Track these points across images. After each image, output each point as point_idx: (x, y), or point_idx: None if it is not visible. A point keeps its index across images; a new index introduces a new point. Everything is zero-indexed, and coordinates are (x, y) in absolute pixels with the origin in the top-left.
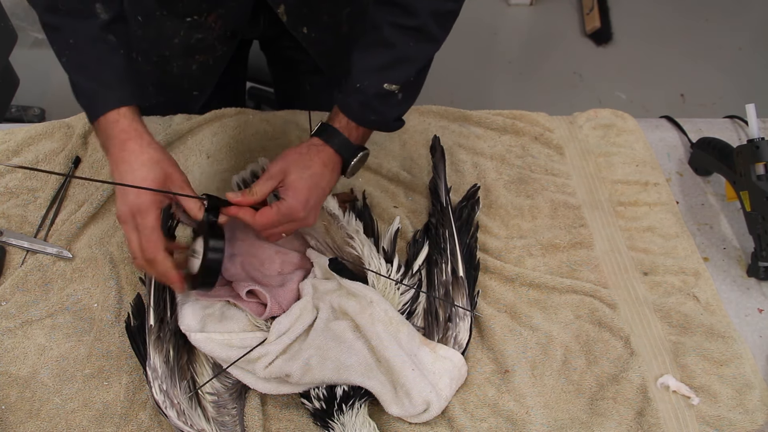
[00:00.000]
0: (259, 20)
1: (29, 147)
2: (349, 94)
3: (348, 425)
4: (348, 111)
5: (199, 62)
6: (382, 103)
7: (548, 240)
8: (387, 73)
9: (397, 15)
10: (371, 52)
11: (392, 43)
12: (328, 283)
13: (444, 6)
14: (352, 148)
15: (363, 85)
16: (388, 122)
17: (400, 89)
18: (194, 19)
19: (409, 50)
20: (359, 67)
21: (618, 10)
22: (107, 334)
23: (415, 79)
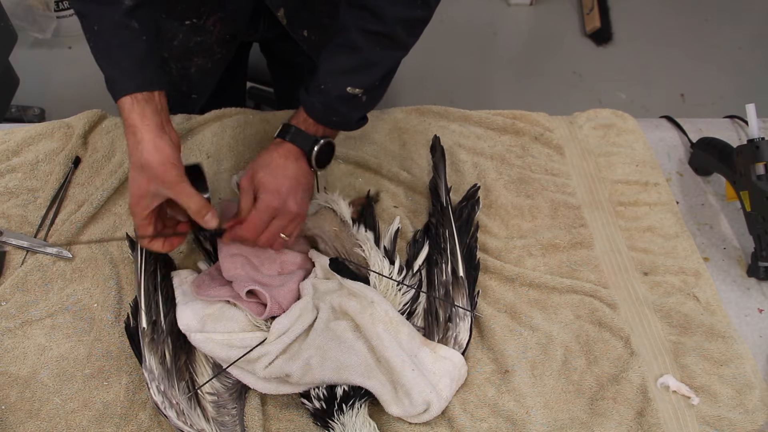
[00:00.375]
0: (259, 23)
1: (29, 147)
2: (313, 95)
3: (348, 425)
4: (310, 111)
5: (197, 65)
6: (345, 106)
7: (548, 240)
8: (352, 76)
9: (366, 20)
10: (338, 55)
11: (359, 47)
12: (328, 283)
13: (413, 14)
14: (310, 140)
15: (326, 87)
16: (350, 123)
17: (364, 92)
18: (193, 22)
19: (375, 55)
20: (325, 68)
21: (618, 10)
22: (107, 334)
23: (381, 82)
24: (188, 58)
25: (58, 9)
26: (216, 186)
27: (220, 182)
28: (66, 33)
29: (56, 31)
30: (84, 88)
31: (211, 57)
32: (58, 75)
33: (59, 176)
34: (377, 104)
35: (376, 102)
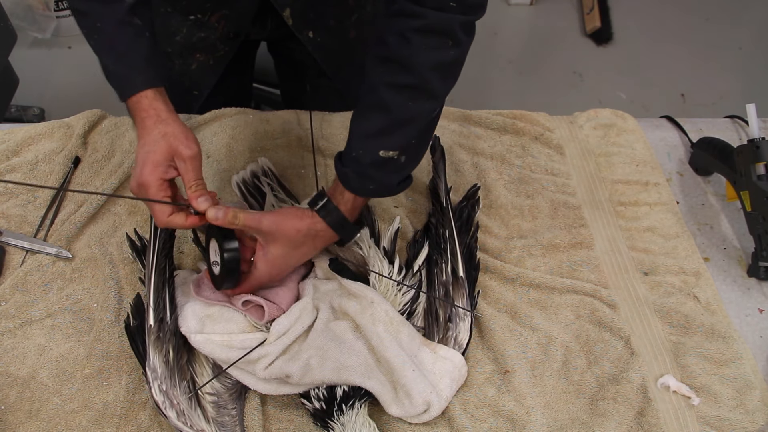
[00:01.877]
0: (267, 22)
1: (29, 147)
2: (346, 164)
3: (348, 425)
4: (346, 182)
5: (198, 61)
6: (380, 171)
7: (548, 240)
8: (383, 139)
9: (394, 73)
10: (366, 117)
11: (388, 106)
12: (328, 284)
13: (446, 56)
14: (350, 230)
15: (358, 154)
16: (390, 188)
17: (400, 153)
18: (197, 17)
19: (407, 111)
20: (355, 133)
21: (618, 10)
22: (107, 334)
23: (418, 140)
24: (190, 53)
25: (58, 9)
26: (215, 186)
27: (219, 182)
28: (66, 33)
29: (56, 31)
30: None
31: (213, 54)
32: (58, 75)
33: (59, 176)
34: (418, 163)
35: (417, 160)
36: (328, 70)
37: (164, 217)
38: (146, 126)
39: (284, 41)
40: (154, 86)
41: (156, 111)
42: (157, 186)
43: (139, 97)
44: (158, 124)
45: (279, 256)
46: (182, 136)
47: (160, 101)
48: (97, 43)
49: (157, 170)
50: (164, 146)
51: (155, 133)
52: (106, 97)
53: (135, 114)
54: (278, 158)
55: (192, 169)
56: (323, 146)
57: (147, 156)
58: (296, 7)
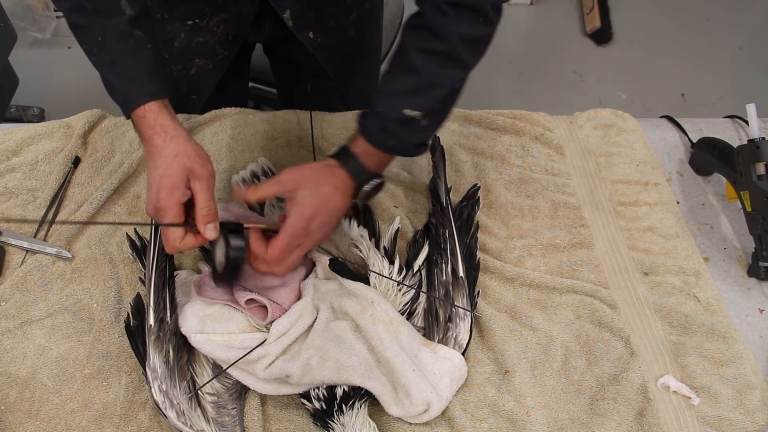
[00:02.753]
0: (264, 24)
1: (28, 147)
2: (369, 117)
3: (348, 425)
4: (367, 134)
5: (198, 66)
6: (403, 129)
7: (548, 240)
8: (409, 98)
9: (426, 39)
10: (395, 76)
11: (417, 68)
12: (329, 283)
13: (476, 31)
14: (366, 174)
15: (383, 109)
16: (408, 148)
17: (424, 116)
18: (195, 22)
19: (434, 76)
20: (383, 90)
21: (618, 10)
22: (107, 334)
23: (442, 105)
24: (189, 58)
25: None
26: (216, 186)
27: (219, 182)
28: (66, 33)
29: (56, 31)
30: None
31: (212, 58)
32: (58, 75)
33: (59, 176)
34: (438, 129)
35: (437, 127)
36: (328, 69)
37: (177, 243)
38: (155, 144)
39: (281, 42)
40: (157, 98)
41: (163, 127)
42: (175, 212)
43: (143, 111)
44: (168, 143)
45: (306, 196)
46: (195, 156)
47: (166, 115)
48: (99, 58)
49: (174, 195)
50: (179, 168)
51: (167, 154)
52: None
53: (141, 130)
54: (278, 158)
55: (206, 189)
56: (323, 146)
57: (162, 180)
58: (296, 8)
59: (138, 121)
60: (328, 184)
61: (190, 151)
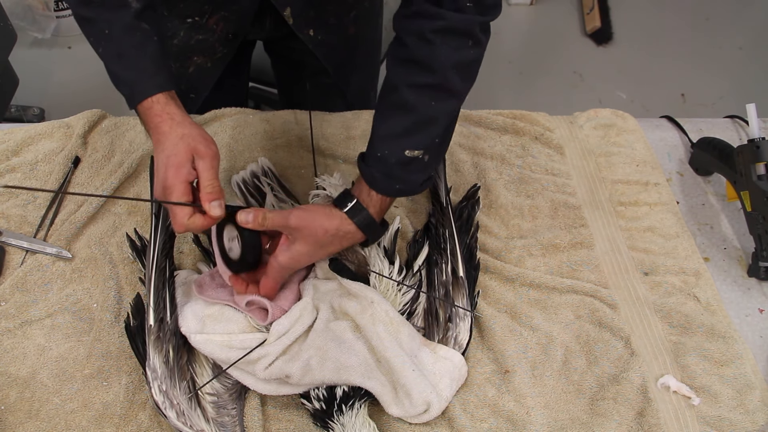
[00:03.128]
0: (265, 22)
1: (28, 147)
2: (371, 164)
3: (348, 426)
4: (372, 183)
5: (196, 64)
6: (406, 171)
7: (548, 240)
8: (408, 138)
9: (415, 74)
10: (390, 117)
11: (411, 106)
12: (329, 284)
13: (466, 55)
14: (377, 231)
15: (383, 155)
16: (415, 187)
17: (424, 153)
18: (195, 20)
19: (430, 110)
20: (379, 134)
21: (618, 10)
22: (107, 334)
23: (441, 139)
24: (187, 56)
25: (58, 9)
26: None
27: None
28: (66, 33)
29: (56, 31)
30: (84, 88)
31: (211, 56)
32: (58, 75)
33: (59, 176)
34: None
35: (439, 159)
36: (329, 67)
37: (185, 220)
38: (163, 130)
39: (282, 40)
40: (165, 90)
41: (170, 115)
42: (182, 189)
43: (150, 102)
44: (175, 127)
45: (304, 254)
46: (200, 137)
47: (173, 105)
48: (105, 51)
49: (180, 172)
50: (184, 147)
51: (173, 136)
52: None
53: (148, 119)
54: (278, 158)
55: (210, 168)
56: (323, 146)
57: (168, 159)
58: (297, 6)
59: (144, 112)
60: (332, 245)
61: (195, 133)
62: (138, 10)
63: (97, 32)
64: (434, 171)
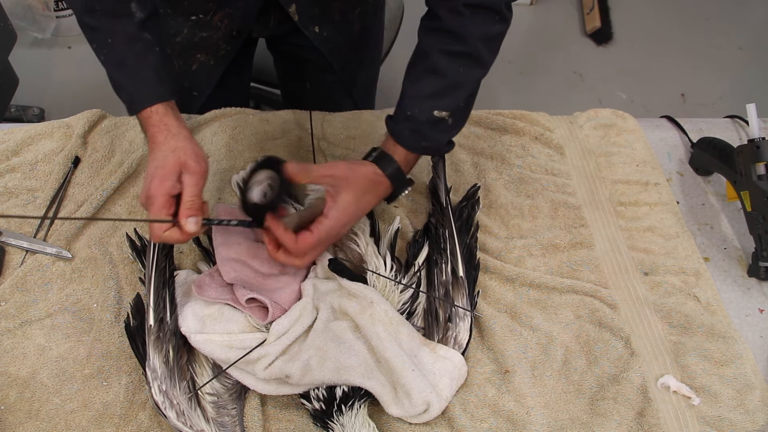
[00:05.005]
0: (270, 19)
1: (28, 147)
2: (400, 122)
3: (347, 426)
4: (400, 138)
5: (199, 61)
6: (433, 130)
7: (548, 240)
8: (437, 100)
9: (447, 42)
10: (421, 80)
11: (442, 71)
12: (328, 283)
13: (494, 29)
14: (404, 182)
15: (413, 113)
16: (440, 147)
17: (450, 115)
18: (199, 18)
19: (458, 76)
20: (410, 94)
21: (618, 10)
22: (107, 334)
23: (465, 104)
24: (190, 54)
25: (58, 9)
26: (215, 186)
27: (219, 182)
28: (66, 33)
29: (56, 31)
30: (84, 88)
31: (214, 53)
32: (58, 75)
33: (59, 176)
34: (462, 127)
35: (461, 125)
36: (334, 63)
37: (160, 232)
38: (157, 141)
39: (286, 37)
40: (163, 100)
41: (167, 126)
42: (163, 201)
43: (149, 112)
44: (169, 139)
45: (350, 203)
46: (192, 152)
47: (171, 116)
48: (108, 59)
49: (164, 184)
50: (173, 160)
51: (165, 148)
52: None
53: (146, 128)
54: None
55: (193, 185)
56: (324, 146)
57: (156, 170)
58: (302, 2)
59: (143, 121)
60: (371, 194)
61: (187, 148)
62: (141, 20)
63: (100, 40)
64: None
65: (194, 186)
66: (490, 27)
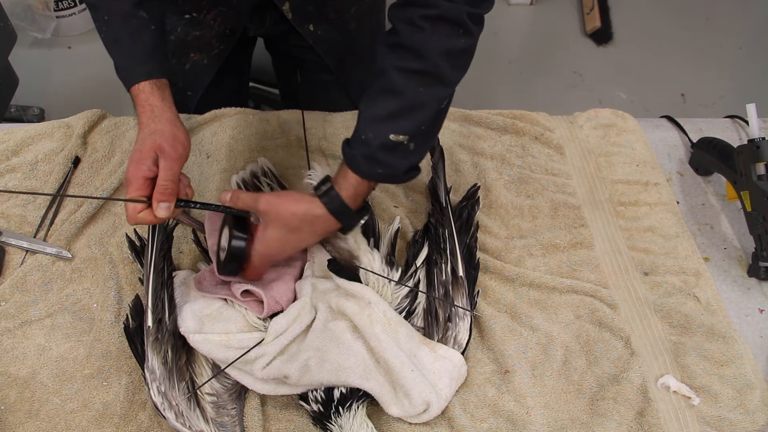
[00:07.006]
0: (266, 18)
1: (28, 147)
2: (354, 147)
3: (346, 427)
4: (353, 165)
5: (192, 61)
6: (390, 155)
7: (548, 240)
8: (394, 122)
9: (405, 59)
10: (377, 100)
11: (399, 90)
12: (327, 283)
13: (457, 44)
14: (352, 217)
15: (367, 137)
16: (398, 175)
17: (410, 139)
18: (193, 16)
19: (417, 96)
20: (365, 116)
21: (618, 10)
22: (107, 334)
23: (428, 127)
24: (184, 53)
25: (58, 9)
26: (215, 186)
27: (219, 182)
28: (66, 33)
29: (56, 31)
30: (84, 88)
31: (208, 52)
32: (58, 75)
33: (59, 176)
34: (427, 151)
35: (426, 149)
36: (330, 63)
37: (135, 213)
38: (141, 121)
39: (283, 37)
40: (152, 78)
41: (151, 106)
42: (138, 184)
43: (137, 90)
44: (150, 121)
45: (274, 239)
46: (170, 136)
47: (157, 96)
48: (105, 36)
49: (140, 168)
50: (150, 144)
51: (145, 131)
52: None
53: (135, 107)
54: (278, 158)
55: (167, 169)
56: (324, 146)
57: (133, 154)
58: (295, 1)
59: (133, 99)
60: (302, 231)
61: (166, 131)
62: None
63: (99, 18)
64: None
65: (168, 170)
66: (453, 42)
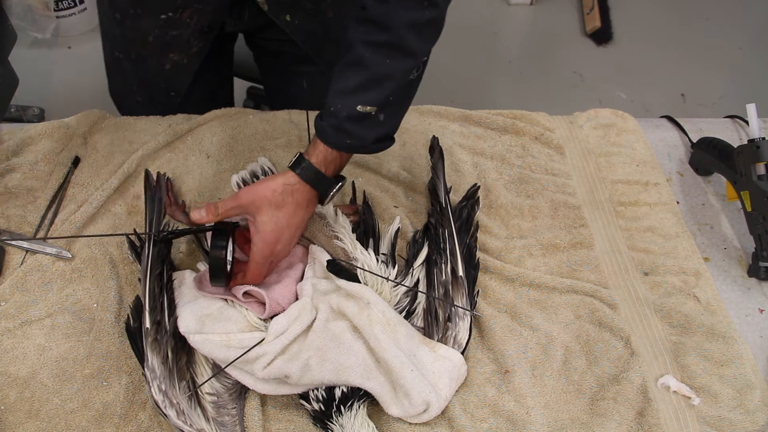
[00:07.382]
0: (244, 13)
1: (28, 147)
2: (324, 118)
3: (347, 427)
4: (323, 135)
5: (172, 61)
6: (358, 126)
7: (548, 240)
8: (361, 94)
9: (371, 32)
10: (345, 73)
11: (365, 63)
12: (327, 283)
13: (421, 16)
14: (326, 182)
15: (336, 109)
16: (367, 145)
17: (379, 110)
18: (169, 16)
19: (383, 68)
20: (333, 88)
21: (618, 10)
22: (107, 334)
23: (397, 98)
24: (164, 53)
25: (58, 9)
26: (215, 186)
27: (219, 182)
28: (66, 33)
29: (56, 31)
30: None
31: (187, 51)
32: (58, 75)
33: (59, 176)
34: (399, 122)
35: (397, 120)
36: (309, 52)
37: None
38: None
39: (261, 31)
40: None
41: None
42: None
43: None
44: None
45: (267, 222)
46: None
47: None
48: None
49: None
50: None
51: None
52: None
53: None
54: (278, 158)
55: None
56: None
57: None
58: None
59: None
60: (288, 204)
61: None
62: None
63: None
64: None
65: None
66: (418, 13)
